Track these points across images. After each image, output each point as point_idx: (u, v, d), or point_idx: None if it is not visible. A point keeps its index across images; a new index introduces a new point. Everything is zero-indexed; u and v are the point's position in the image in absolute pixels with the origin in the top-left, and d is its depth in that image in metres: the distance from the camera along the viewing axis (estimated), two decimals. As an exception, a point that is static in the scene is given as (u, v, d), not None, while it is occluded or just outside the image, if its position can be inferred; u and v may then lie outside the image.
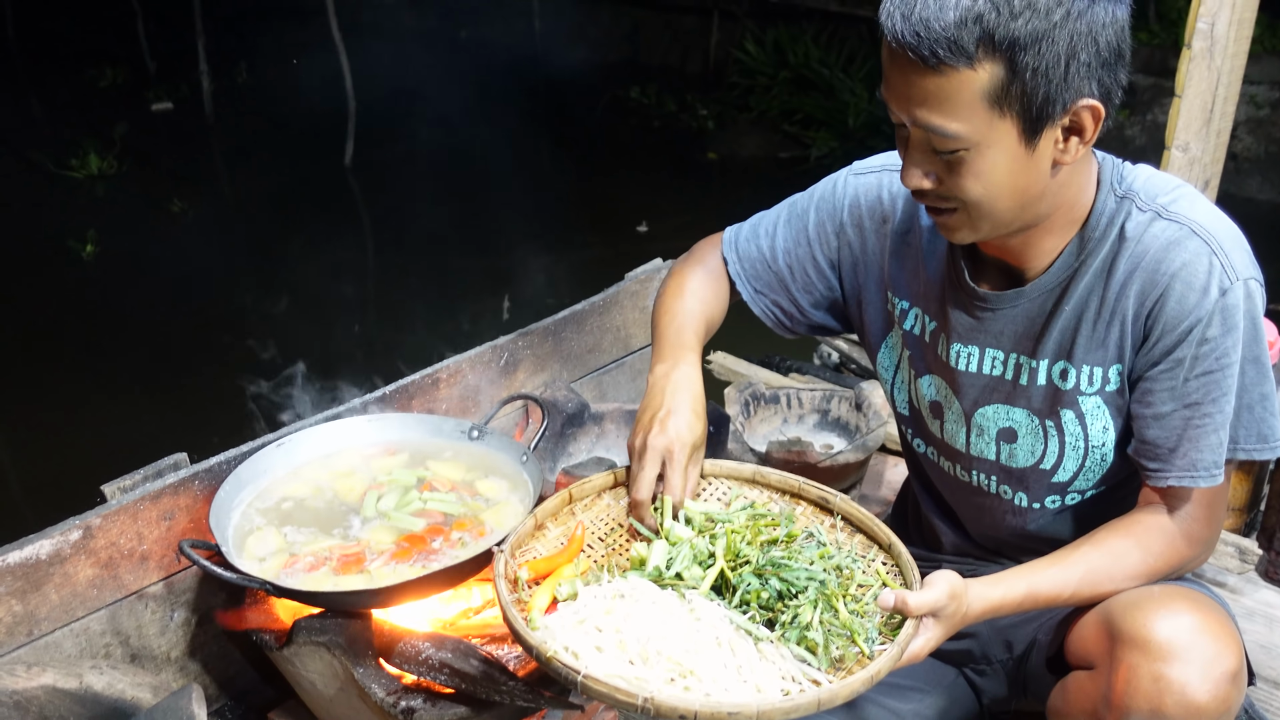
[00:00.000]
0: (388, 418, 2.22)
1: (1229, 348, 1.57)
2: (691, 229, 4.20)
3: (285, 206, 7.94)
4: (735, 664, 1.47)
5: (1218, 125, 2.49)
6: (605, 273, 5.76)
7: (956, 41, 1.38)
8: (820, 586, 1.58)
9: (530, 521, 1.70)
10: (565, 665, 1.40)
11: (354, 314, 6.53)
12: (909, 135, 1.52)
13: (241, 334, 5.68)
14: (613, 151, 8.84)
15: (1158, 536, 1.67)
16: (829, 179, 1.95)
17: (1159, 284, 1.58)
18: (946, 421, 1.85)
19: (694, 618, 1.52)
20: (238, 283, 6.64)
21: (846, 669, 1.50)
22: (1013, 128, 1.45)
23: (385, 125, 9.26)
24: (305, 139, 9.07)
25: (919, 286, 1.83)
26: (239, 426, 3.72)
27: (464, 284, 6.75)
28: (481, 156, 8.73)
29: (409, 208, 7.98)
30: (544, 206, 7.70)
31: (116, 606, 2.01)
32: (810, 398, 2.81)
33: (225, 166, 9.36)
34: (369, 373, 5.22)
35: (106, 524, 1.95)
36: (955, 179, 1.50)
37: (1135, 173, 1.64)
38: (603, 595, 1.56)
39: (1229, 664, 1.52)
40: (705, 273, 2.00)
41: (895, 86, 1.48)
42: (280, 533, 1.91)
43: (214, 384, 5.19)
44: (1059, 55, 1.40)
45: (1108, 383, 1.67)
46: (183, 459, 2.10)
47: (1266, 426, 1.63)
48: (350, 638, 1.82)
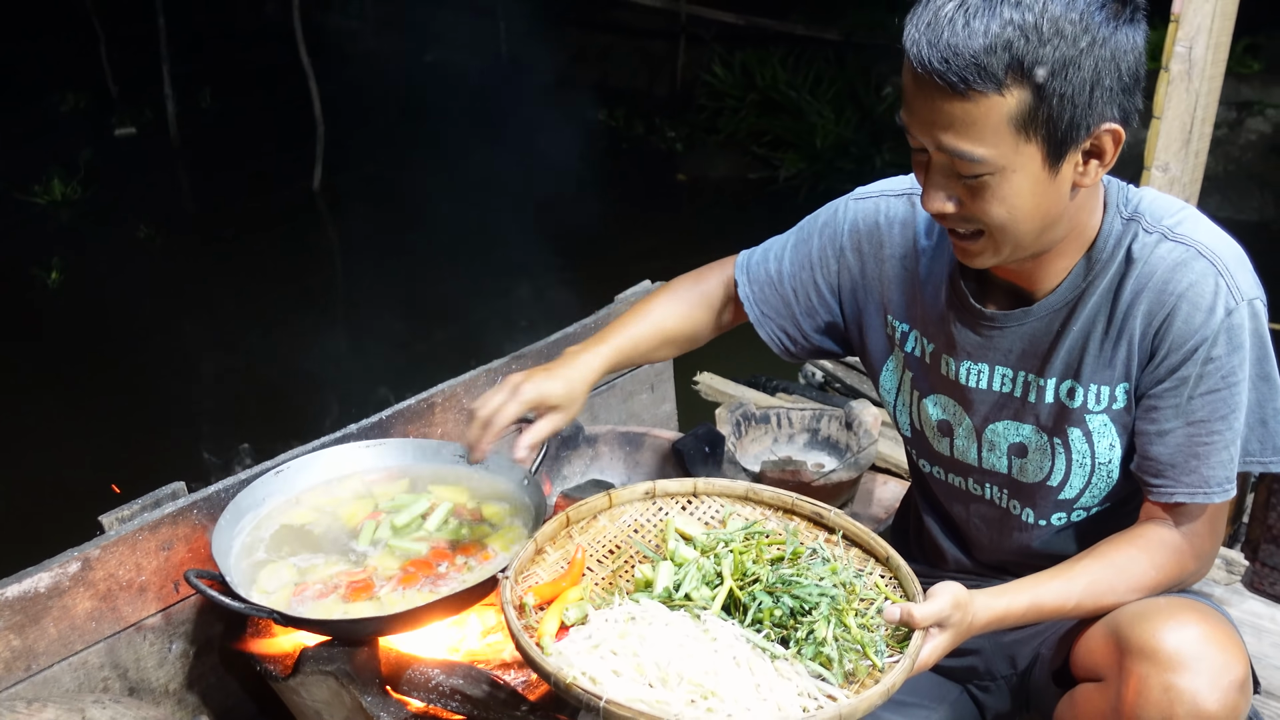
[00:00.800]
0: (386, 443, 2.21)
1: (1235, 366, 1.60)
2: (664, 250, 4.23)
3: (254, 231, 7.89)
4: (755, 683, 1.47)
5: (1196, 145, 2.55)
6: (577, 295, 5.77)
7: (986, 68, 1.39)
8: (832, 602, 1.59)
9: (531, 546, 1.70)
10: (586, 691, 1.40)
11: (327, 338, 6.49)
12: (929, 160, 1.54)
13: (217, 362, 5.62)
14: (582, 174, 8.85)
15: (1161, 550, 1.69)
16: (831, 205, 1.97)
17: (1166, 304, 1.60)
18: (957, 438, 1.87)
19: (710, 638, 1.53)
20: (209, 309, 6.58)
21: (859, 682, 1.52)
22: (1037, 152, 1.46)
23: (353, 149, 9.24)
24: (272, 163, 9.03)
25: (917, 309, 1.85)
26: (223, 455, 3.70)
27: (435, 308, 6.74)
28: (449, 180, 8.72)
29: (379, 232, 7.96)
30: (514, 230, 7.69)
31: (115, 639, 1.98)
32: (800, 417, 2.83)
33: (192, 191, 9.29)
34: (349, 398, 5.20)
35: (105, 555, 1.93)
36: (979, 203, 1.51)
37: (1140, 195, 1.67)
38: (614, 618, 1.56)
39: (1237, 673, 1.54)
40: (694, 289, 2.02)
41: (919, 111, 1.48)
42: (289, 563, 1.90)
43: (186, 414, 5.14)
44: (1085, 81, 1.42)
45: (1115, 401, 1.70)
46: (180, 488, 2.08)
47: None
48: (358, 666, 1.80)
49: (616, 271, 6.05)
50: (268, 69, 10.51)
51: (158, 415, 5.25)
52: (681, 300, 1.98)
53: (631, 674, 1.46)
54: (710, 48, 9.95)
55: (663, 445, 2.60)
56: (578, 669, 1.45)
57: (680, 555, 1.69)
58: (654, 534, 1.81)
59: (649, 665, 1.47)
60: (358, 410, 2.33)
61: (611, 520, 1.81)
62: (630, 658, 1.49)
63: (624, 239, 7.52)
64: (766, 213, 8.28)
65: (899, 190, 1.89)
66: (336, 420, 2.49)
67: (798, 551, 1.72)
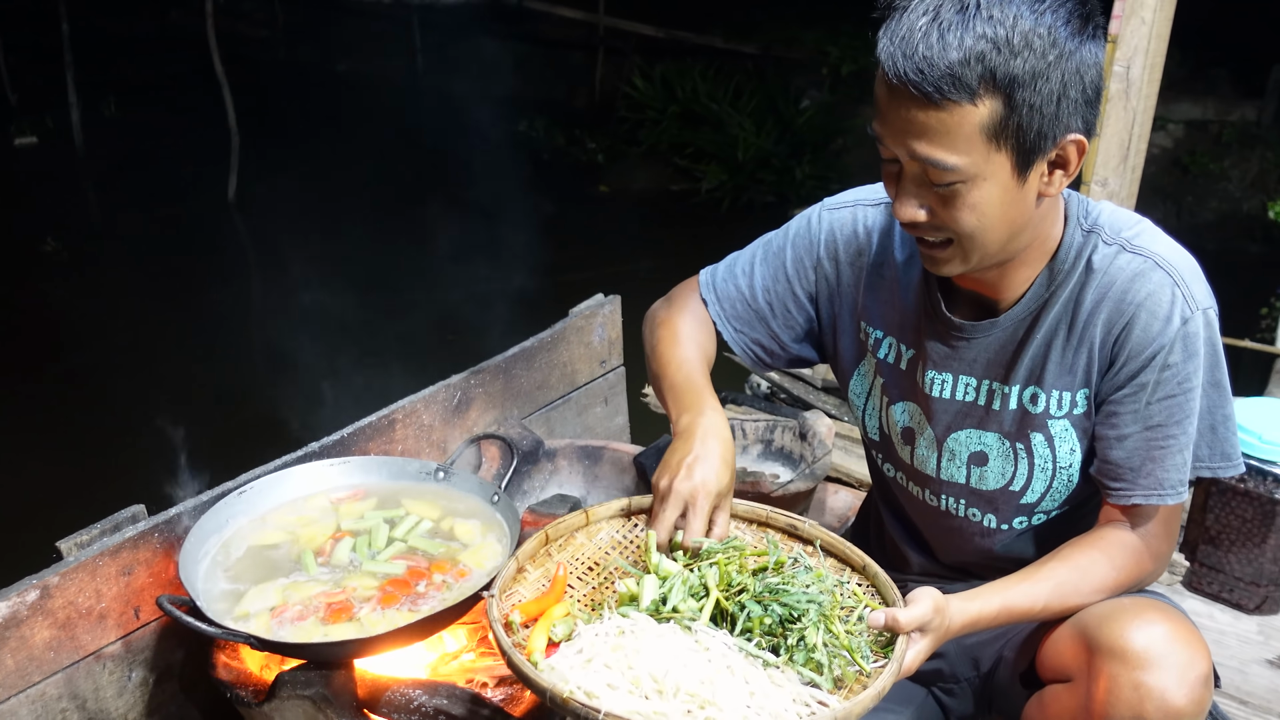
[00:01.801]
0: (350, 461, 2.18)
1: (1190, 373, 1.67)
2: (589, 261, 4.25)
3: (167, 243, 7.67)
4: (750, 691, 1.49)
5: (1133, 161, 2.65)
6: (505, 306, 5.73)
7: (960, 78, 1.44)
8: (820, 608, 1.61)
9: (513, 565, 1.69)
10: (584, 705, 1.39)
11: (249, 354, 6.35)
12: (900, 170, 1.58)
13: (138, 381, 5.45)
14: (504, 185, 8.81)
15: (1121, 551, 1.75)
16: (802, 216, 1.99)
17: (1125, 313, 1.67)
18: (918, 447, 1.91)
19: (702, 648, 1.54)
20: (124, 325, 6.38)
21: (848, 688, 1.55)
22: (1007, 161, 1.52)
23: (267, 159, 9.06)
24: (185, 173, 8.80)
25: (894, 316, 1.89)
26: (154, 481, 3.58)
27: (355, 322, 6.63)
28: (368, 191, 8.61)
29: (296, 243, 7.81)
30: (435, 241, 7.63)
31: (74, 669, 1.91)
32: (754, 428, 2.85)
33: (100, 203, 9.00)
34: (274, 415, 5.08)
35: (64, 582, 1.86)
36: (950, 211, 1.56)
37: (1099, 208, 1.74)
38: (604, 632, 1.56)
39: (1201, 669, 1.60)
40: (693, 318, 2.02)
41: (893, 121, 1.52)
42: (262, 585, 1.85)
43: (110, 435, 4.98)
44: (1053, 92, 1.48)
45: (1075, 406, 1.76)
46: (140, 511, 2.02)
47: (1229, 445, 1.74)
48: (335, 689, 1.77)
49: (544, 283, 6.05)
50: (175, 77, 10.25)
51: (90, 435, 5.07)
52: (697, 330, 1.99)
53: (626, 687, 1.47)
54: (629, 60, 9.99)
55: (622, 458, 2.60)
56: (572, 684, 1.45)
57: (664, 569, 1.70)
58: (633, 550, 1.81)
59: (644, 677, 1.47)
60: (300, 427, 2.28)
61: (589, 537, 1.81)
62: (624, 671, 1.49)
63: (549, 250, 7.49)
64: (690, 224, 8.35)
65: (874, 200, 1.93)
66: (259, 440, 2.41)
67: (780, 561, 1.74)
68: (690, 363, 1.91)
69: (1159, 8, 2.55)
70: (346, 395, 4.94)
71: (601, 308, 2.85)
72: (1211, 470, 1.76)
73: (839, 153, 9.05)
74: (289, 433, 4.74)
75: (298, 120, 10.21)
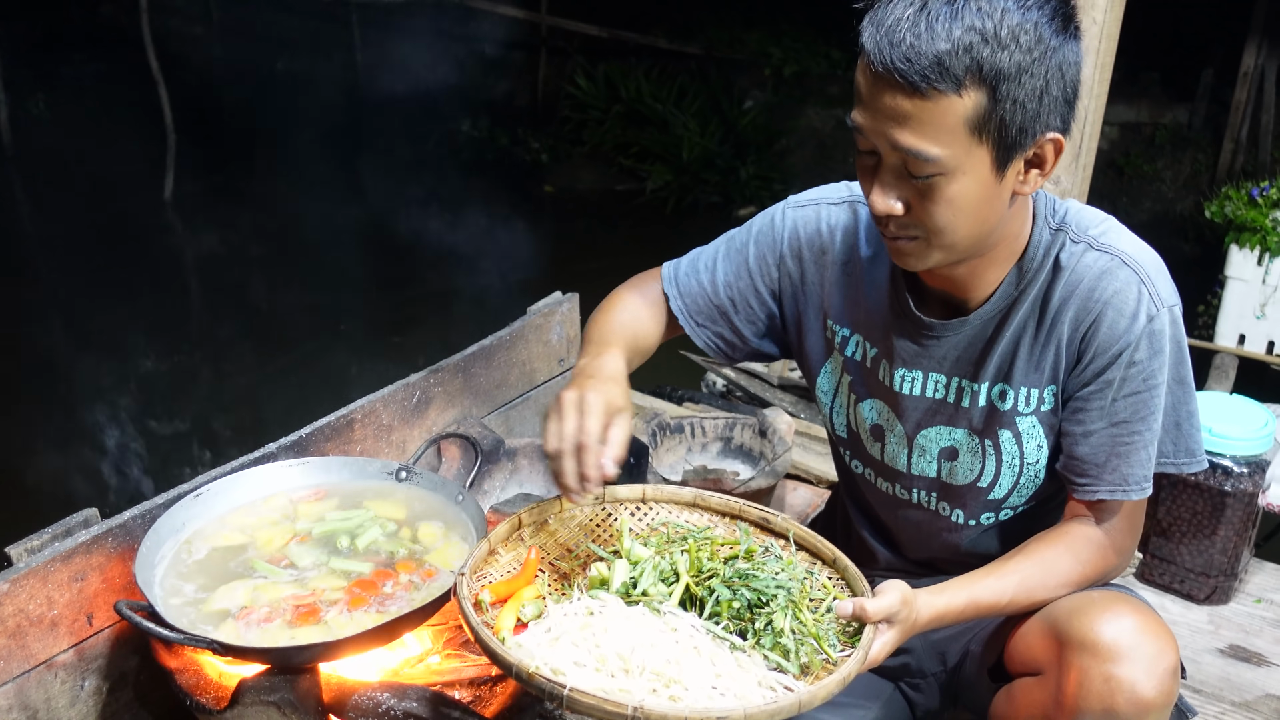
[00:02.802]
0: (310, 461, 2.13)
1: (1155, 370, 1.70)
2: (536, 262, 4.23)
3: (101, 243, 7.48)
4: (715, 673, 1.49)
5: (1084, 160, 2.69)
6: (452, 306, 5.67)
7: (948, 69, 1.44)
8: (788, 594, 1.62)
9: (485, 546, 1.67)
10: (549, 680, 1.39)
11: (188, 359, 6.22)
12: (878, 162, 1.58)
13: (71, 383, 5.31)
14: (448, 184, 8.73)
15: (1086, 546, 1.77)
16: (765, 213, 1.99)
17: (1092, 310, 1.69)
18: (888, 444, 1.92)
19: (670, 629, 1.54)
20: (57, 326, 6.22)
21: (814, 674, 1.55)
22: (987, 155, 1.52)
23: (203, 159, 8.89)
24: (119, 172, 8.59)
25: (860, 314, 1.89)
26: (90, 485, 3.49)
27: (296, 322, 6.54)
28: (308, 191, 8.48)
29: (234, 244, 7.67)
30: (378, 241, 7.54)
31: (24, 679, 1.85)
32: (714, 426, 2.85)
33: (30, 202, 8.76)
34: (216, 421, 4.99)
35: (15, 589, 1.80)
36: (926, 204, 1.56)
37: (1066, 206, 1.76)
38: (573, 612, 1.56)
39: (1170, 660, 1.62)
40: (639, 296, 2.02)
41: (875, 111, 1.52)
42: (224, 588, 1.80)
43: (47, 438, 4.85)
44: (1036, 88, 1.49)
45: (1043, 403, 1.77)
46: (93, 515, 1.96)
47: (1193, 442, 1.77)
48: (300, 694, 1.73)
49: (490, 282, 6.00)
50: (107, 75, 10.01)
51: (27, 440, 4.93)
52: (636, 306, 1.97)
53: (593, 664, 1.47)
54: (573, 60, 9.96)
55: (583, 457, 2.58)
56: (539, 660, 1.44)
57: (635, 554, 1.69)
58: (605, 537, 1.81)
59: (610, 656, 1.47)
60: (226, 435, 2.23)
61: (562, 524, 1.80)
62: (591, 649, 1.49)
63: (495, 250, 7.45)
64: (634, 224, 8.34)
65: (839, 198, 1.93)
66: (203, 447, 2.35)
67: (751, 550, 1.74)
68: (610, 324, 1.89)
69: (1109, 8, 2.59)
70: (286, 399, 4.87)
71: (560, 306, 2.83)
72: (1176, 466, 1.78)
73: (782, 153, 9.11)
74: (233, 436, 4.67)
75: (235, 119, 10.02)
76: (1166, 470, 1.78)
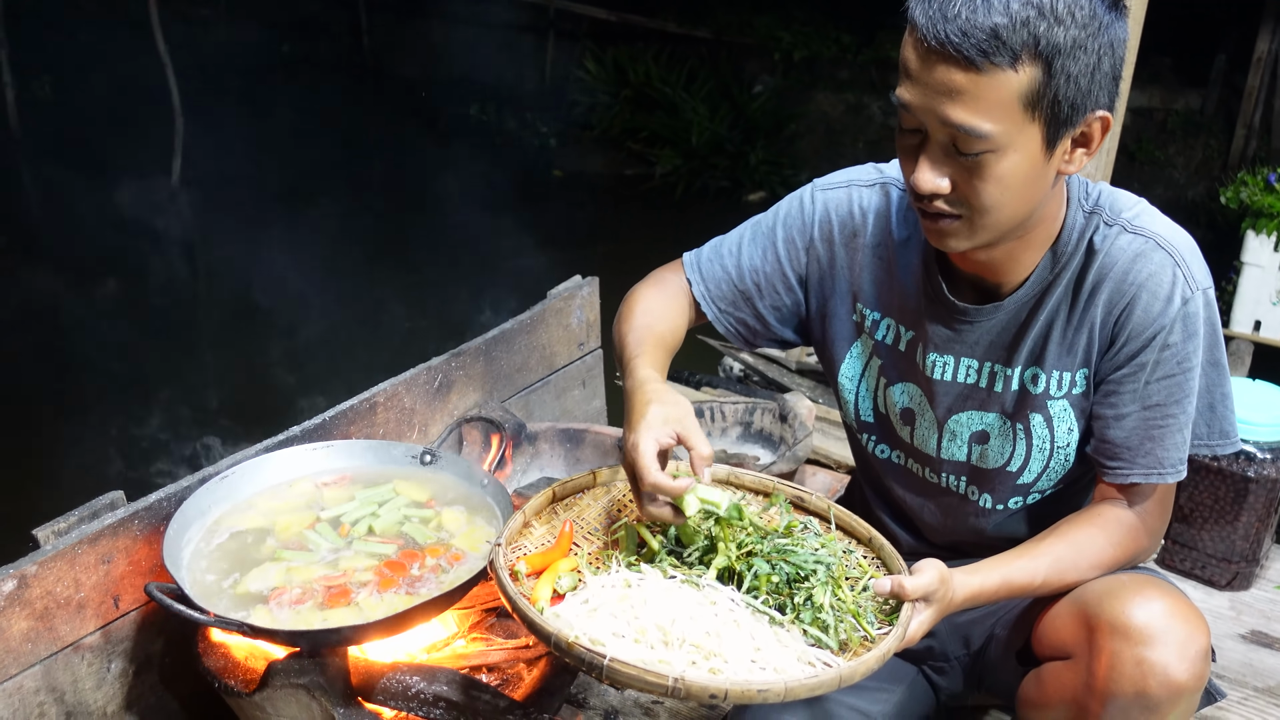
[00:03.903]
0: (334, 445, 2.13)
1: (1190, 353, 1.69)
2: (547, 245, 4.22)
3: (111, 225, 7.47)
4: (755, 646, 1.49)
5: (1109, 144, 2.67)
6: (466, 291, 5.66)
7: (1005, 42, 1.43)
8: (828, 570, 1.62)
9: (519, 518, 1.67)
10: (589, 650, 1.38)
11: (204, 346, 6.22)
12: (924, 139, 1.56)
13: (96, 370, 5.31)
14: (456, 167, 8.71)
15: (1118, 528, 1.76)
16: (792, 197, 1.97)
17: (1126, 293, 1.68)
18: (918, 428, 1.91)
19: (709, 602, 1.53)
20: (68, 309, 6.21)
21: (852, 651, 1.55)
22: (1038, 133, 1.50)
23: (213, 141, 8.86)
24: (126, 155, 8.57)
25: (892, 298, 1.88)
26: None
27: (309, 307, 6.52)
28: (317, 175, 8.46)
29: (244, 226, 7.65)
30: (390, 227, 7.53)
31: (51, 661, 1.85)
32: (733, 410, 2.84)
33: (38, 185, 8.75)
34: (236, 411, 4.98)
35: (43, 571, 1.79)
36: (974, 181, 1.54)
37: (1099, 189, 1.74)
38: (611, 584, 1.56)
39: (1201, 643, 1.62)
40: (659, 293, 2.00)
41: (927, 85, 1.49)
42: (255, 571, 1.80)
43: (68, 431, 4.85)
44: (1089, 64, 1.47)
45: (1075, 386, 1.76)
46: (119, 497, 1.95)
47: (1227, 424, 1.76)
48: (330, 677, 1.73)
49: (505, 265, 5.99)
50: (112, 57, 9.98)
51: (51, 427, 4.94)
52: (657, 303, 1.95)
53: (632, 636, 1.46)
54: (581, 43, 9.92)
55: (604, 441, 2.58)
56: (578, 630, 1.44)
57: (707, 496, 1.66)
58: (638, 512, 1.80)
59: (650, 628, 1.47)
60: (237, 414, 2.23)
61: (595, 499, 1.80)
62: (631, 621, 1.48)
63: (505, 234, 7.43)
64: (645, 209, 8.32)
65: (869, 180, 1.91)
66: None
67: (792, 525, 1.73)
68: (634, 332, 1.87)
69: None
70: (299, 384, 4.87)
71: (580, 289, 2.82)
72: (1209, 448, 1.77)
73: (791, 138, 9.07)
74: (248, 419, 4.67)
75: (243, 102, 9.99)
76: (1200, 452, 1.77)
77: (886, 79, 8.84)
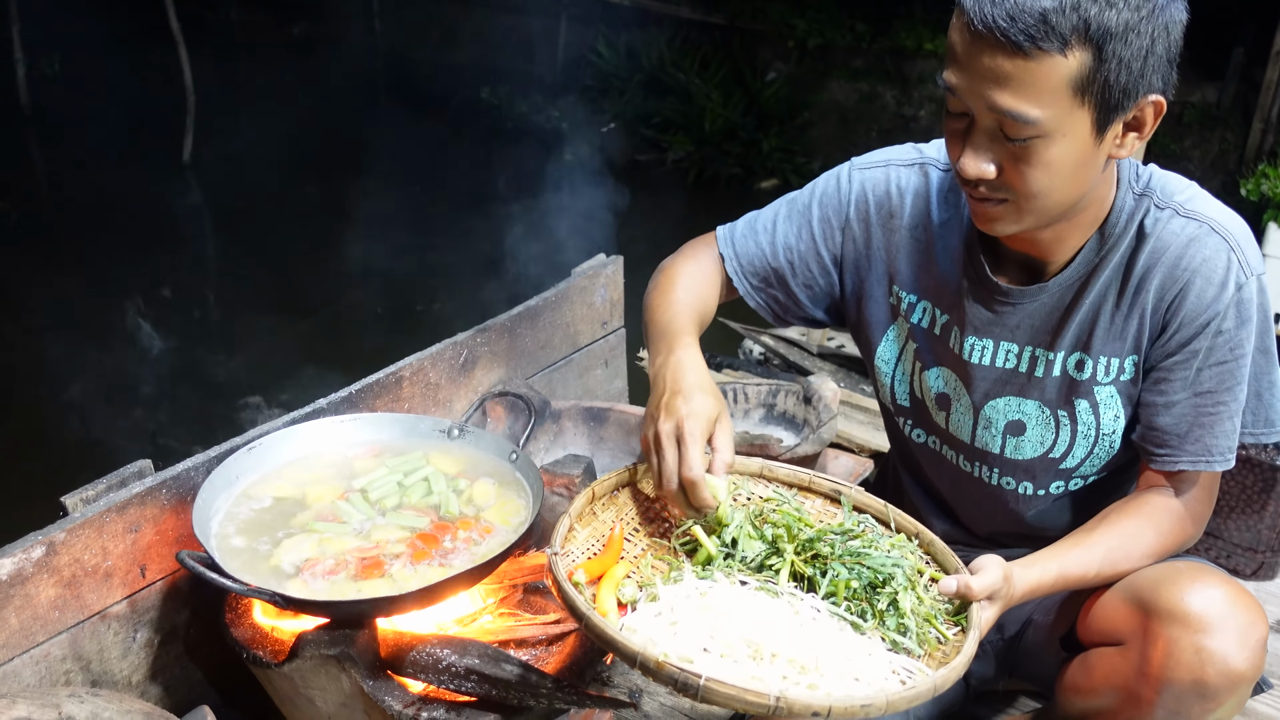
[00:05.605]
0: (361, 418, 2.11)
1: (1243, 339, 1.66)
2: (562, 229, 4.20)
3: (120, 204, 7.46)
4: (845, 656, 1.44)
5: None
6: (485, 272, 5.63)
7: (1055, 26, 1.40)
8: (905, 574, 1.57)
9: (566, 523, 1.59)
10: (682, 671, 1.31)
11: (209, 322, 6.21)
12: (971, 124, 1.53)
13: (87, 346, 5.30)
14: (465, 153, 8.68)
15: (1166, 516, 1.74)
16: (829, 175, 1.95)
17: (1179, 279, 1.65)
18: (954, 413, 1.89)
19: (793, 612, 1.49)
20: (75, 285, 6.20)
21: (928, 654, 1.51)
22: (1088, 117, 1.48)
23: (223, 121, 8.84)
24: (136, 134, 8.55)
25: (930, 281, 1.86)
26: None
27: (317, 287, 6.51)
28: (328, 155, 8.44)
29: (256, 205, 7.64)
30: (391, 208, 7.50)
31: (78, 629, 1.83)
32: (756, 392, 2.82)
33: (47, 162, 8.73)
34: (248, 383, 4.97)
35: (71, 539, 1.78)
36: (1021, 167, 1.51)
37: (1149, 171, 1.72)
38: (684, 594, 1.50)
39: (1261, 632, 1.59)
40: (694, 266, 1.98)
41: (974, 70, 1.47)
42: (286, 541, 1.79)
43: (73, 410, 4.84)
44: (1143, 47, 1.44)
45: (1123, 372, 1.74)
46: (147, 466, 1.94)
47: (1274, 412, 1.74)
48: (360, 649, 1.71)
49: (519, 249, 5.97)
50: (125, 35, 9.94)
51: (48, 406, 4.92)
52: (693, 278, 1.93)
53: (719, 650, 1.41)
54: (594, 27, 9.87)
55: (628, 420, 2.56)
56: (661, 647, 1.37)
57: (730, 517, 1.63)
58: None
59: (735, 641, 1.41)
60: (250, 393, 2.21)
61: (631, 497, 1.76)
62: (716, 634, 1.43)
63: (520, 217, 7.41)
64: (658, 194, 8.28)
65: (908, 160, 1.89)
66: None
67: (844, 524, 1.68)
68: (674, 305, 1.84)
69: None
70: (309, 365, 4.85)
71: (604, 268, 2.79)
72: (1254, 436, 1.75)
73: (804, 126, 9.03)
74: (260, 398, 4.66)
75: (254, 82, 9.97)
76: (1244, 440, 1.75)
77: (901, 68, 8.79)
